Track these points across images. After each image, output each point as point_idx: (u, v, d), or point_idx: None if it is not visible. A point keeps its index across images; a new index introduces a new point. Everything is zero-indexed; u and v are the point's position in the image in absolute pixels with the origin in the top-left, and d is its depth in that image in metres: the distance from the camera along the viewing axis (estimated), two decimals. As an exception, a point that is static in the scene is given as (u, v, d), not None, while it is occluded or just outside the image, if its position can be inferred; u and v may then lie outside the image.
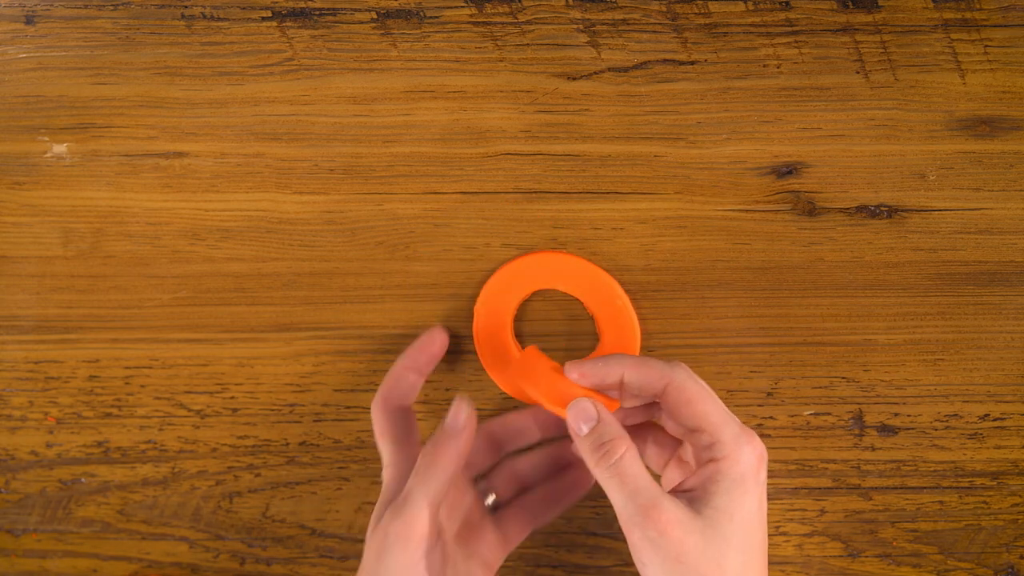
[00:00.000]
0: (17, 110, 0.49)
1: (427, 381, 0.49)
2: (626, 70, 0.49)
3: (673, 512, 0.39)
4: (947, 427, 0.49)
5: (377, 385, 0.49)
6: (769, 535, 0.50)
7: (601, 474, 0.41)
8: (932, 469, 0.50)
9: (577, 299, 0.49)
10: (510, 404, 0.50)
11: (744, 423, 0.42)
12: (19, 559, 0.50)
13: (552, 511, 0.48)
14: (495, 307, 0.49)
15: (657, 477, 0.45)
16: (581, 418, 0.42)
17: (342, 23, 0.48)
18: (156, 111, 0.49)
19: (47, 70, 0.49)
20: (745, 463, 0.40)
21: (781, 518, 0.50)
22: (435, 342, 0.48)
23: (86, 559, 0.50)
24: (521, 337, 0.50)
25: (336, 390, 0.50)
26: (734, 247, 0.49)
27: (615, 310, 0.48)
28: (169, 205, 0.49)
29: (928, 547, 0.50)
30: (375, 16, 0.48)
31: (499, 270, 0.49)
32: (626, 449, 0.41)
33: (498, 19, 0.48)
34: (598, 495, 0.50)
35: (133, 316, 0.50)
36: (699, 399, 0.41)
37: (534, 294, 0.49)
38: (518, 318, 0.49)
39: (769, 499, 0.49)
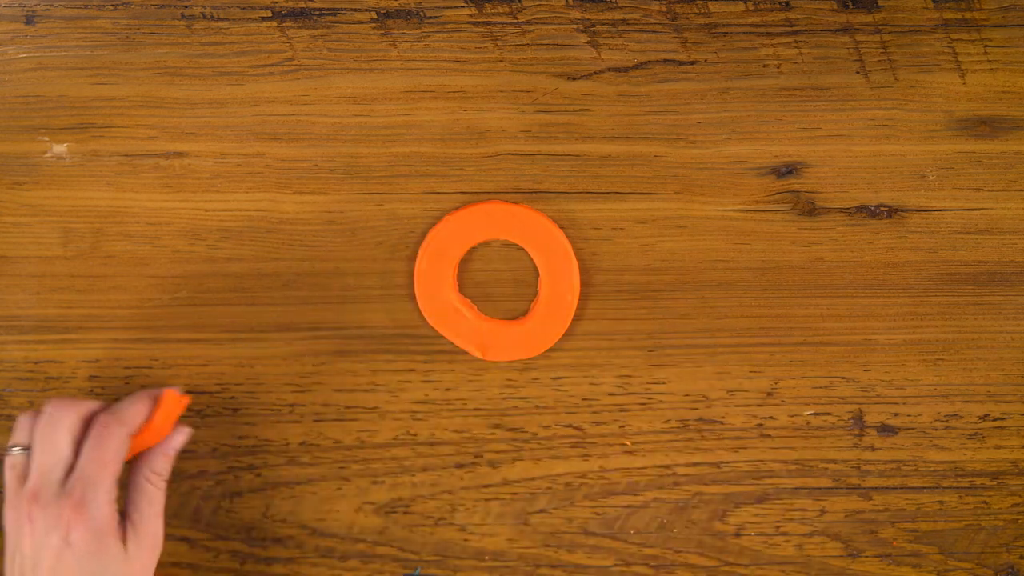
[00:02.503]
0: (17, 110, 0.49)
1: (426, 381, 0.50)
2: (626, 70, 0.49)
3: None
4: (947, 427, 0.49)
5: (377, 385, 0.50)
6: (769, 535, 0.50)
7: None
8: (932, 469, 0.50)
9: (521, 248, 0.49)
10: (509, 404, 0.50)
11: (744, 423, 0.48)
12: (19, 559, 0.50)
13: None
14: (438, 256, 0.48)
15: None
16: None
17: (342, 23, 0.49)
18: (156, 111, 0.49)
19: (47, 70, 0.49)
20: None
21: (781, 518, 0.50)
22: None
23: (86, 559, 0.50)
24: (465, 288, 0.49)
25: (336, 390, 0.50)
26: (734, 247, 0.49)
27: (558, 259, 0.48)
28: (169, 205, 0.49)
29: (928, 547, 0.50)
30: (375, 16, 0.48)
31: (444, 219, 0.48)
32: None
33: (498, 19, 0.48)
34: (596, 495, 0.50)
35: (133, 316, 0.50)
36: None
37: (480, 244, 0.49)
38: (461, 268, 0.49)
39: (769, 499, 0.50)
